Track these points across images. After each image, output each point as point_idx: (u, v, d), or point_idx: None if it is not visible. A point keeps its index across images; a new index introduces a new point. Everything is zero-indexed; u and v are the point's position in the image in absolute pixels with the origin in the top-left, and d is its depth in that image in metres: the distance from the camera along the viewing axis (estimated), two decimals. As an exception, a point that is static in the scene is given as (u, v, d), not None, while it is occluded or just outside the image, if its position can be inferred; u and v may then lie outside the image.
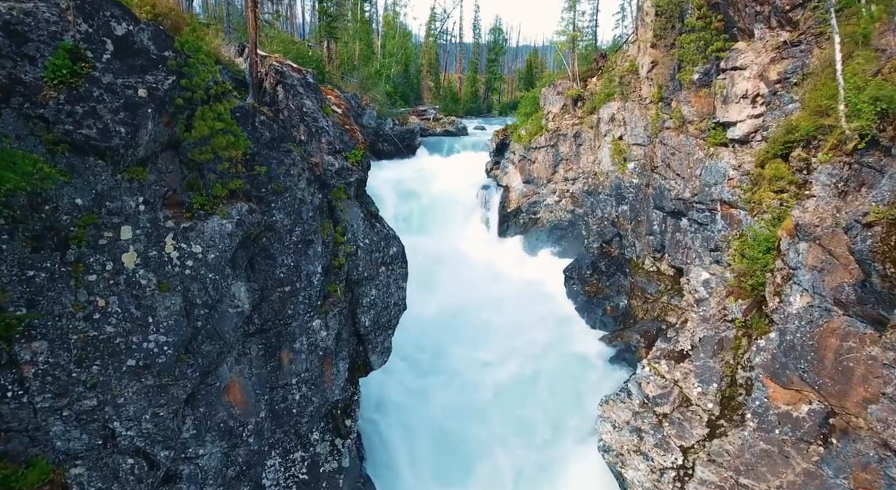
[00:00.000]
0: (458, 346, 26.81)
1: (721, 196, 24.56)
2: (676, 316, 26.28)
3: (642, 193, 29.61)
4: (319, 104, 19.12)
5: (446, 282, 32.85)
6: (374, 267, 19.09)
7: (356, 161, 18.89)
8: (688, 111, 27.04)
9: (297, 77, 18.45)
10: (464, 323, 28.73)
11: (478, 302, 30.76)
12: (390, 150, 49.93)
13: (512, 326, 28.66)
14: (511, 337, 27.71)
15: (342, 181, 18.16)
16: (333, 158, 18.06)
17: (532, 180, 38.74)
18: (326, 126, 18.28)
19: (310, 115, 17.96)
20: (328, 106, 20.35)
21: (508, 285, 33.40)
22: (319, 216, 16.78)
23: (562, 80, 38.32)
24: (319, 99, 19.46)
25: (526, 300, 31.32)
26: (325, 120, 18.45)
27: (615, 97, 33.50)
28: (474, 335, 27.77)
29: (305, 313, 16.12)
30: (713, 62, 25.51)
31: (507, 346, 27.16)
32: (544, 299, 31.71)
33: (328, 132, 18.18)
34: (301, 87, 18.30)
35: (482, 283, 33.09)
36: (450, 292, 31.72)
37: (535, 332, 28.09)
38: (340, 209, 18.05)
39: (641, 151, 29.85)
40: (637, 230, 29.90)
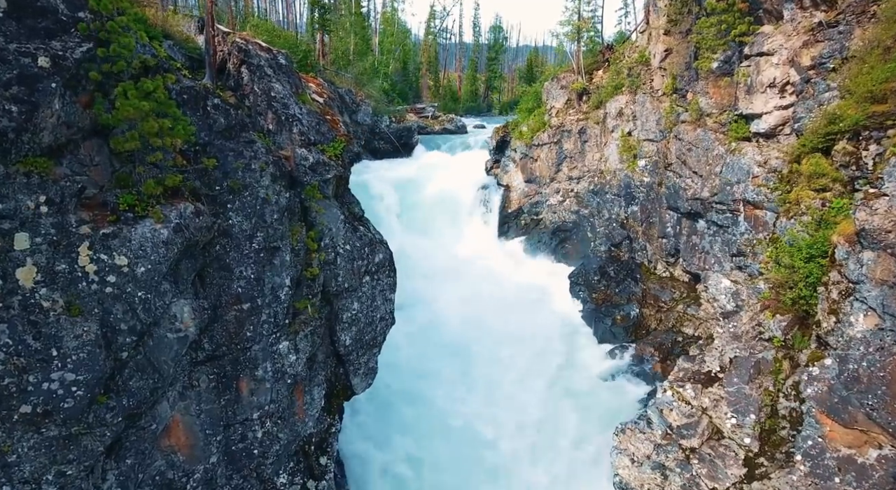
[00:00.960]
0: (455, 359, 23.91)
1: (744, 196, 21.70)
2: (693, 327, 23.43)
3: (654, 193, 26.72)
4: (294, 89, 16.24)
5: (443, 287, 30.01)
6: (357, 277, 16.22)
7: (335, 155, 16.03)
8: (706, 103, 24.16)
9: (266, 57, 15.57)
10: (461, 334, 25.84)
11: (477, 310, 27.88)
12: (386, 149, 47.20)
13: (513, 338, 25.78)
14: (512, 349, 24.82)
15: (317, 178, 15.28)
16: (307, 151, 15.19)
17: (534, 179, 35.86)
18: (299, 114, 15.41)
19: (279, 100, 15.09)
20: (306, 93, 17.47)
21: (509, 291, 30.52)
22: (288, 219, 13.91)
23: (566, 74, 35.43)
24: (295, 84, 16.58)
25: (528, 307, 28.45)
26: (298, 107, 15.57)
27: (623, 90, 30.64)
28: (472, 348, 24.89)
29: (270, 334, 13.23)
30: (735, 48, 22.64)
31: (508, 359, 24.27)
32: (548, 307, 28.84)
33: (301, 121, 15.31)
34: (270, 69, 15.42)
35: (481, 289, 30.20)
36: (446, 299, 28.88)
37: (537, 343, 25.21)
38: (315, 210, 15.17)
39: (653, 147, 26.96)
40: (649, 233, 27.02)
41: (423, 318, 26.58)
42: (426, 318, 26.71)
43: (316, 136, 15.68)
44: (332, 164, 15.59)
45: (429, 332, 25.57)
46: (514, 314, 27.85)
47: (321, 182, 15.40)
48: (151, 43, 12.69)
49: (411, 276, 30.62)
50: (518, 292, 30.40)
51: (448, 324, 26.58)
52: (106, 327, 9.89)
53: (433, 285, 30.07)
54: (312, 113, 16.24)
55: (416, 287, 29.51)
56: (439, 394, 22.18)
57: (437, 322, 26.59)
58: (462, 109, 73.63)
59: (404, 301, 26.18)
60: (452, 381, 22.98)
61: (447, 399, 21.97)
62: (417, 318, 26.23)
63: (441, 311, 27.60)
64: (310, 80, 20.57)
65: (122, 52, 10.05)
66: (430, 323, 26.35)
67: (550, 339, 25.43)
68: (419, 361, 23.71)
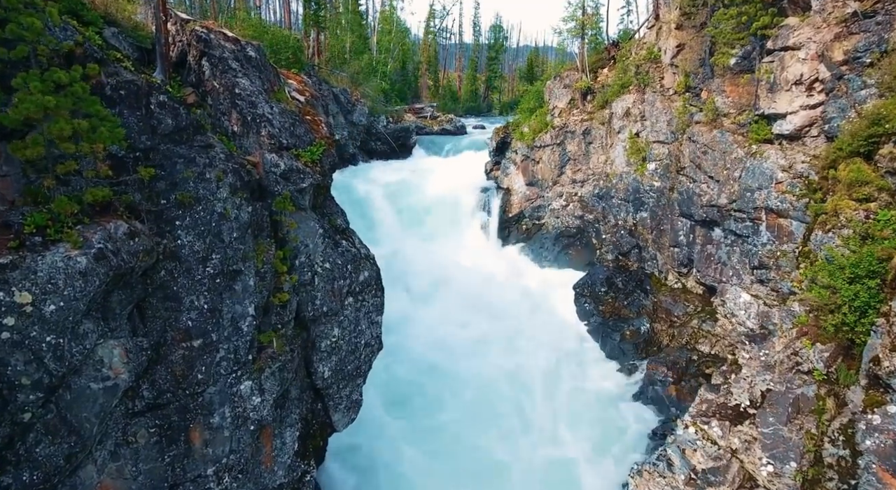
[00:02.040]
0: (454, 382, 21.61)
1: (767, 203, 19.41)
2: (710, 344, 21.15)
3: (665, 198, 24.42)
4: (267, 86, 13.96)
5: (440, 298, 27.78)
6: (338, 299, 13.95)
7: (312, 161, 13.77)
8: (722, 102, 21.87)
9: (231, 48, 13.28)
10: (459, 351, 23.57)
11: (476, 324, 25.63)
12: (383, 150, 44.95)
13: (514, 352, 23.52)
14: (513, 365, 22.54)
15: (290, 187, 13.01)
16: (278, 157, 12.92)
17: (536, 182, 33.55)
18: (270, 114, 13.13)
19: (245, 98, 12.82)
20: (283, 91, 15.18)
21: (510, 301, 28.25)
22: (253, 236, 11.62)
23: (569, 72, 33.10)
24: (268, 80, 14.31)
25: (530, 320, 26.21)
26: (269, 106, 13.29)
27: (630, 89, 28.34)
28: (471, 365, 22.60)
29: (229, 374, 10.96)
30: (756, 43, 20.34)
31: (509, 380, 21.99)
32: (551, 319, 26.57)
33: (272, 122, 13.04)
34: (236, 62, 13.14)
35: (480, 299, 27.92)
36: (443, 311, 26.65)
37: (541, 360, 22.92)
38: (287, 225, 12.88)
39: (664, 150, 24.65)
40: (659, 241, 24.72)
41: (417, 334, 24.32)
42: (420, 333, 24.43)
43: (290, 139, 13.40)
44: (307, 172, 13.31)
45: (423, 350, 23.31)
46: (515, 327, 25.60)
47: (295, 192, 13.12)
48: (87, 29, 10.44)
49: (406, 285, 28.45)
50: (520, 303, 28.15)
51: (445, 341, 24.30)
52: (0, 384, 7.62)
53: (429, 296, 27.83)
54: (287, 113, 13.96)
55: (410, 297, 27.30)
56: (437, 421, 19.90)
57: (433, 339, 24.31)
58: (462, 109, 71.29)
59: (398, 315, 24.01)
60: (446, 404, 20.72)
61: (448, 427, 19.68)
62: (410, 334, 23.96)
63: (436, 327, 25.32)
64: (291, 77, 18.29)
65: (22, 34, 7.76)
66: (425, 340, 24.08)
67: (555, 356, 23.13)
68: (418, 386, 21.46)
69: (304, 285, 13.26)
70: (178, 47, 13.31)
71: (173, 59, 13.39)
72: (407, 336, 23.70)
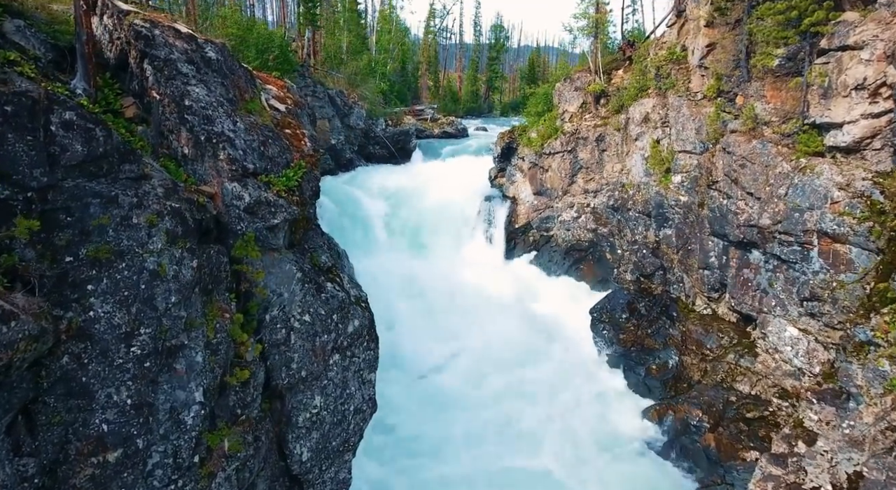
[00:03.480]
0: (453, 426, 18.58)
1: (819, 225, 16.39)
2: (749, 383, 18.14)
3: (693, 215, 21.36)
4: (232, 94, 10.87)
5: (439, 320, 24.75)
6: (320, 358, 10.92)
7: (288, 188, 10.72)
8: (763, 109, 18.83)
9: (183, 48, 10.21)
10: (462, 384, 20.56)
11: (480, 350, 22.61)
12: (382, 154, 41.84)
13: (522, 389, 20.49)
14: (525, 407, 19.51)
15: (258, 224, 9.95)
16: (241, 186, 9.87)
17: (544, 191, 30.49)
18: (231, 131, 10.07)
19: (198, 112, 9.76)
20: (256, 100, 12.11)
21: (516, 323, 25.25)
22: (201, 295, 8.58)
23: (580, 74, 30.00)
24: (235, 86, 11.22)
25: (540, 346, 23.15)
26: (230, 121, 10.21)
27: (649, 92, 25.30)
28: (473, 401, 19.56)
29: (165, 486, 7.90)
30: (807, 41, 17.24)
31: (520, 420, 18.97)
32: (563, 344, 23.58)
33: (233, 142, 9.98)
34: (188, 65, 10.07)
35: (485, 322, 24.90)
36: (441, 335, 23.64)
37: (556, 399, 19.87)
38: (253, 274, 9.80)
39: (692, 161, 21.57)
40: (686, 262, 21.65)
41: (416, 363, 21.32)
42: (419, 361, 21.43)
43: (258, 162, 10.34)
44: (281, 204, 10.26)
45: (425, 383, 20.29)
46: (522, 352, 22.57)
47: (265, 230, 10.04)
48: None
49: (403, 305, 25.44)
50: (528, 325, 25.13)
51: (447, 369, 21.31)
52: None
53: (427, 317, 24.77)
54: (258, 128, 10.89)
55: (406, 321, 24.23)
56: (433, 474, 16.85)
57: (433, 366, 21.33)
58: (462, 110, 68.18)
59: (391, 343, 21.04)
60: (452, 447, 17.70)
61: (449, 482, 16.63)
62: (408, 366, 20.96)
63: (437, 353, 22.32)
64: (271, 82, 15.21)
65: None
66: (425, 369, 21.08)
67: (571, 393, 20.10)
68: (415, 424, 18.41)
69: (277, 346, 10.22)
70: (117, 46, 10.23)
71: (112, 60, 10.32)
72: (402, 370, 20.69)
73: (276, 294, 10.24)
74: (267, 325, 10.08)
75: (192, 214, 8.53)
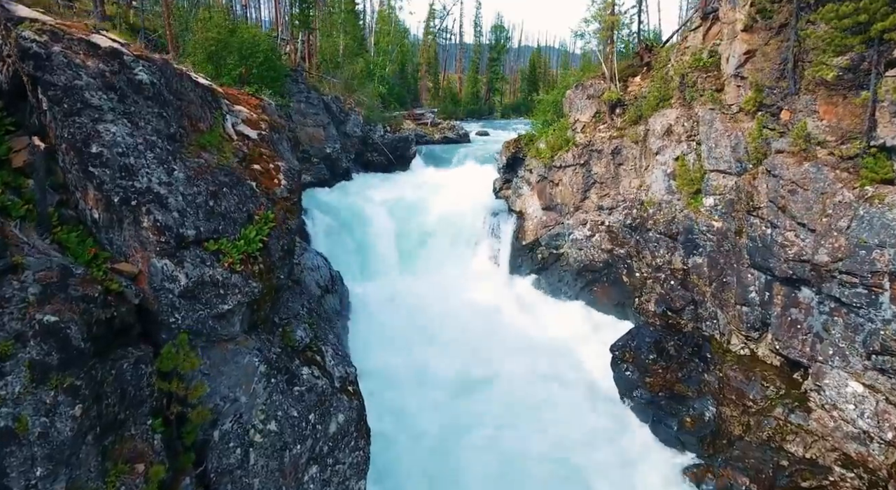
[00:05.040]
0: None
1: (892, 267, 13.52)
2: (803, 445, 15.23)
3: (729, 243, 18.39)
4: (172, 129, 7.86)
5: (436, 347, 21.86)
6: (290, 478, 8.03)
7: (248, 255, 7.70)
8: (816, 127, 15.86)
9: (97, 70, 7.28)
10: (449, 433, 17.60)
11: (483, 390, 19.69)
12: (380, 161, 38.88)
13: (530, 436, 17.54)
14: (530, 462, 16.53)
15: (202, 313, 6.97)
16: (174, 263, 6.91)
17: (554, 206, 27.49)
18: (162, 184, 7.14)
19: (112, 161, 6.81)
20: (215, 130, 9.12)
21: (522, 351, 22.31)
22: (95, 445, 5.58)
23: (592, 80, 26.94)
24: (180, 118, 8.20)
25: (552, 388, 20.16)
26: (162, 168, 7.34)
27: (672, 103, 22.34)
28: (463, 460, 16.57)
29: None
30: (874, 50, 14.25)
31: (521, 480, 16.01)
32: (576, 378, 20.71)
33: (164, 201, 7.08)
34: (101, 94, 7.15)
35: (491, 352, 21.97)
36: (438, 364, 20.76)
37: (571, 449, 16.92)
38: (188, 391, 6.82)
39: (728, 182, 18.60)
40: (721, 296, 18.67)
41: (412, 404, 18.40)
42: (416, 403, 18.51)
43: (204, 223, 7.39)
44: (234, 283, 7.38)
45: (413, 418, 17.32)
46: (535, 395, 19.63)
47: (211, 319, 7.05)
48: None
49: (397, 334, 22.53)
50: (535, 352, 22.21)
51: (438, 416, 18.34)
52: None
53: (424, 349, 21.82)
54: (207, 174, 7.94)
55: (401, 354, 21.30)
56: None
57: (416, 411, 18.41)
58: (463, 112, 65.18)
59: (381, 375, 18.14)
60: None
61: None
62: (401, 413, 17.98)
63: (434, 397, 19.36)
64: (241, 101, 12.17)
65: None
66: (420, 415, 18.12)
67: (592, 446, 17.14)
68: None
69: (230, 472, 7.32)
70: (9, 67, 7.21)
71: (4, 86, 7.30)
72: (396, 417, 17.72)
73: (228, 401, 7.32)
74: (215, 445, 7.16)
75: (90, 320, 5.56)
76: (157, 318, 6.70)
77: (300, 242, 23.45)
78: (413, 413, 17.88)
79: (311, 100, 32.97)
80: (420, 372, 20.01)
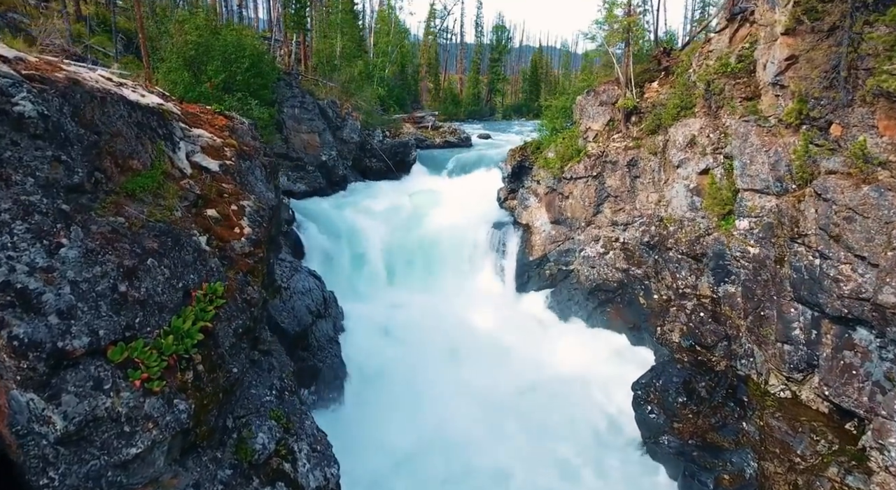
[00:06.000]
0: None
1: (977, 314, 11.07)
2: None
3: (768, 272, 15.96)
4: (74, 178, 5.41)
5: (434, 374, 19.53)
6: None
7: (177, 358, 5.23)
8: (875, 144, 13.44)
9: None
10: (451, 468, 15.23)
11: (487, 430, 17.29)
12: (379, 167, 36.46)
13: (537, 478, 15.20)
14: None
15: (94, 463, 4.49)
16: (45, 398, 4.40)
17: (564, 220, 25.08)
18: (32, 274, 4.65)
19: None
20: (154, 170, 6.75)
21: (530, 379, 20.01)
22: None
23: (606, 85, 24.44)
24: (100, 154, 5.82)
25: (566, 424, 17.80)
26: (38, 248, 4.82)
27: (696, 112, 19.94)
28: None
29: None
30: (953, 56, 11.82)
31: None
32: (594, 413, 18.38)
33: (35, 300, 4.51)
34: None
35: (497, 385, 19.62)
36: (435, 393, 18.43)
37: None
38: None
39: (766, 203, 16.15)
40: (758, 331, 16.24)
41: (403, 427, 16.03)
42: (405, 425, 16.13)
43: (105, 323, 5.01)
44: (149, 415, 4.83)
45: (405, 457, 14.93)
46: (545, 436, 17.24)
47: (111, 468, 4.61)
48: None
49: (391, 366, 20.17)
50: (544, 381, 19.90)
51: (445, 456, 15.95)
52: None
53: (422, 383, 19.42)
54: (121, 241, 5.45)
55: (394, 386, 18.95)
56: None
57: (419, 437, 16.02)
58: (464, 113, 62.65)
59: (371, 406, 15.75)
60: None
61: None
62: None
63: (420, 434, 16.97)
64: (204, 122, 9.72)
65: None
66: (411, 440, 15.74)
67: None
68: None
69: None
70: None
71: None
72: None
73: None
74: None
75: None
76: (24, 477, 4.35)
77: (291, 262, 21.11)
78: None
79: (306, 105, 30.54)
80: (402, 397, 17.66)
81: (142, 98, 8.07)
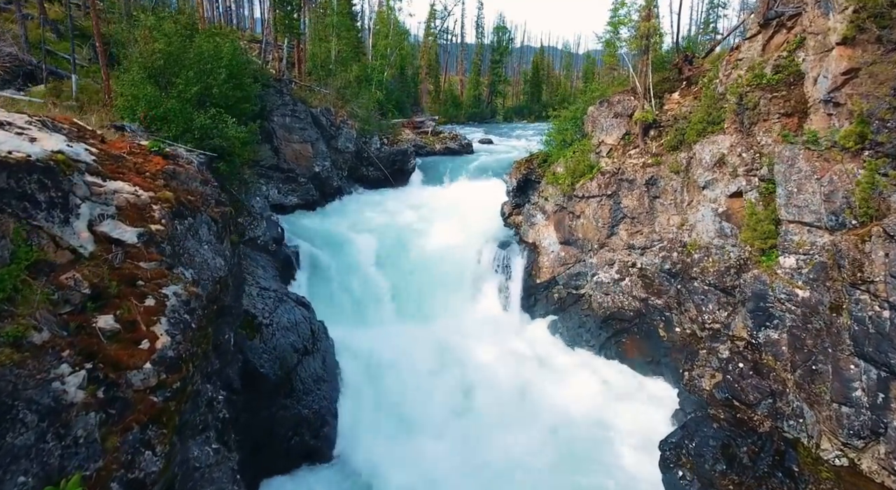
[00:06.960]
0: None
1: None
2: None
3: (821, 321, 13.42)
4: None
5: (429, 414, 17.13)
6: None
7: None
8: (963, 178, 10.85)
9: None
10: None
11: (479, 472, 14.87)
12: (376, 176, 33.86)
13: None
14: None
15: None
16: None
17: (574, 241, 22.55)
18: None
19: None
20: (24, 257, 4.01)
21: (550, 424, 17.57)
22: None
23: (620, 95, 21.85)
24: None
25: (588, 483, 15.33)
26: None
27: (726, 128, 17.39)
28: None
29: None
30: None
31: None
32: (618, 473, 15.85)
33: None
34: None
35: (499, 422, 17.18)
36: (428, 438, 16.04)
37: None
38: None
39: (819, 240, 13.60)
40: (809, 387, 13.71)
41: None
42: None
43: None
44: None
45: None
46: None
47: None
48: None
49: (385, 412, 17.73)
50: (554, 426, 17.47)
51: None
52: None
53: (420, 427, 16.99)
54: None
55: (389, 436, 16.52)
56: None
57: None
58: (464, 116, 60.10)
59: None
60: None
61: None
62: None
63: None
64: (128, 170, 7.17)
65: None
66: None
67: None
68: None
69: None
70: None
71: None
72: None
73: None
74: None
75: None
76: None
77: (276, 290, 18.58)
78: None
79: (298, 113, 27.96)
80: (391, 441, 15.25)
81: (24, 145, 5.55)
